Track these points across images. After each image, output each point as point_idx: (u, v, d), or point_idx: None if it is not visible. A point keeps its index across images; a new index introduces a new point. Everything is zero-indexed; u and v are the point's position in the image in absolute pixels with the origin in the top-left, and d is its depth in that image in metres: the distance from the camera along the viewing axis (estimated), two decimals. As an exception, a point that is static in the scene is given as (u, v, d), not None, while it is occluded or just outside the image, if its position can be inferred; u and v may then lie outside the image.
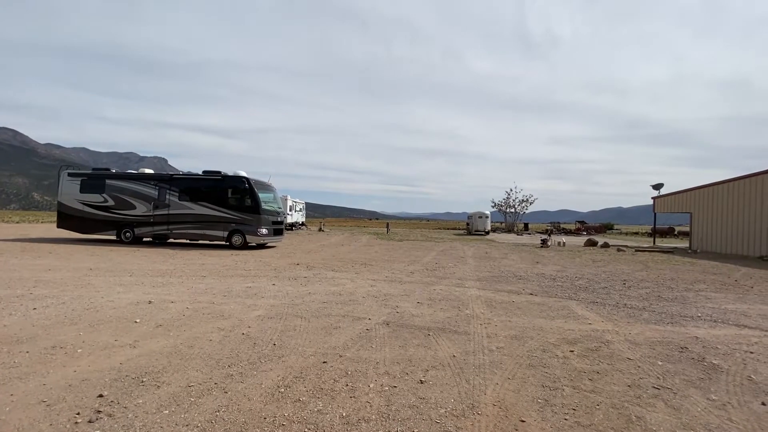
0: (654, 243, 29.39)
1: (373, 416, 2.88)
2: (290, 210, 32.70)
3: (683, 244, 29.53)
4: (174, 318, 5.34)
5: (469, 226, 41.48)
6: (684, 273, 12.16)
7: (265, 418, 2.80)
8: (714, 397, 3.37)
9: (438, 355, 4.23)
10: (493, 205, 51.36)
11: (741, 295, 8.55)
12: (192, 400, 3.04)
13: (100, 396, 3.06)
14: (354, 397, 3.18)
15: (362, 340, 4.66)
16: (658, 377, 3.79)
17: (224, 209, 15.64)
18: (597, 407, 3.13)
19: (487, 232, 39.29)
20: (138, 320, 5.15)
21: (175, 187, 16.11)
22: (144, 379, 3.37)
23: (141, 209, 16.10)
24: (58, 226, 17.17)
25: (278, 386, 3.33)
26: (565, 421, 2.91)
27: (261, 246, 16.67)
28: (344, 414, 2.90)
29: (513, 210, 50.43)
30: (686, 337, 5.18)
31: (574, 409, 3.08)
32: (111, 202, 16.27)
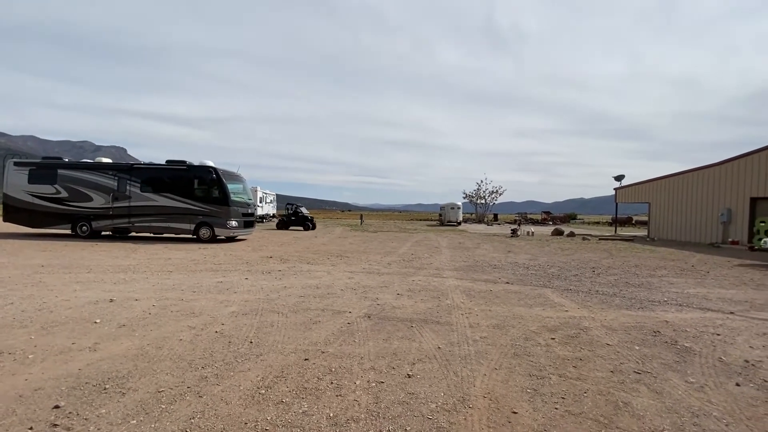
0: (615, 232, 30.86)
1: (362, 415, 2.74)
2: (260, 202, 31.80)
3: (642, 232, 31.18)
4: (139, 317, 4.95)
5: (441, 217, 41.96)
6: (646, 260, 12.77)
7: (246, 424, 2.60)
8: (692, 380, 3.47)
9: (423, 347, 4.14)
10: (464, 196, 52.21)
11: (699, 280, 9.05)
12: (163, 407, 2.78)
13: (56, 407, 2.74)
14: (340, 395, 3.03)
15: (344, 334, 4.50)
16: (637, 362, 3.87)
17: (190, 201, 14.87)
18: (585, 395, 3.13)
19: (459, 223, 39.89)
20: (98, 320, 4.74)
21: (136, 177, 15.14)
22: (107, 386, 3.06)
23: (99, 201, 15.03)
24: (5, 220, 15.79)
25: (258, 387, 3.12)
26: (555, 410, 2.89)
27: (230, 239, 16.04)
28: (331, 414, 2.74)
29: (483, 201, 51.49)
30: (657, 322, 5.37)
31: (563, 398, 3.07)
32: (64, 194, 15.09)
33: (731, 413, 2.88)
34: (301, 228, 25.01)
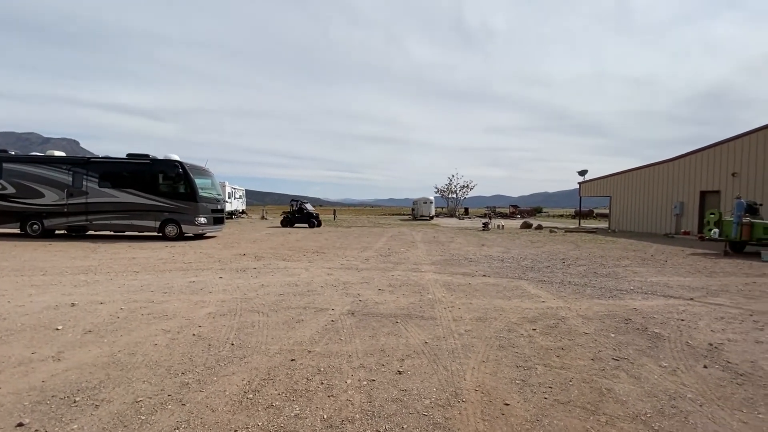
0: (579, 224, 32.29)
1: (357, 415, 2.69)
2: (229, 197, 30.77)
3: (603, 224, 32.82)
4: (106, 321, 4.64)
5: (414, 212, 42.33)
6: (609, 251, 13.42)
7: (236, 431, 2.48)
8: (665, 364, 3.66)
9: (410, 342, 4.13)
10: (436, 190, 52.90)
11: (659, 268, 9.61)
12: (143, 418, 2.60)
13: (20, 425, 2.50)
14: (332, 396, 2.96)
15: (329, 332, 4.41)
16: (614, 349, 4.04)
17: (155, 197, 14.12)
18: (570, 383, 3.23)
19: (432, 217, 40.40)
20: (60, 327, 4.39)
21: (93, 172, 14.17)
22: (77, 399, 2.84)
23: (51, 197, 13.97)
24: (-59, 219, 14.38)
25: (245, 392, 2.99)
26: (545, 400, 2.95)
27: (199, 236, 15.41)
28: (325, 416, 2.67)
29: (455, 195, 52.39)
30: (627, 310, 5.64)
31: (550, 387, 3.15)
32: (11, 190, 13.92)
33: (703, 394, 3.06)
34: (306, 225, 24.02)
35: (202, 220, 14.59)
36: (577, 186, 30.35)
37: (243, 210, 36.84)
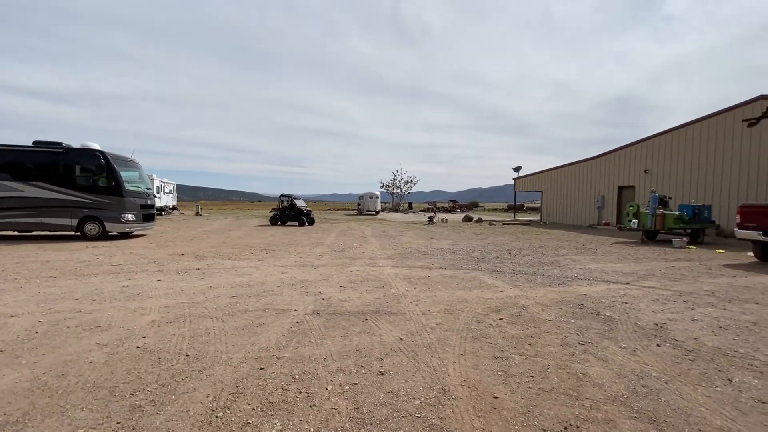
0: (514, 217, 34.47)
1: (347, 425, 2.47)
2: (158, 192, 28.12)
3: (534, 217, 35.36)
4: (21, 338, 3.87)
5: (360, 207, 42.17)
6: (546, 241, 14.41)
7: (210, 458, 2.14)
8: (624, 345, 3.91)
9: (385, 340, 3.97)
10: (381, 185, 53.25)
11: (593, 256, 10.48)
12: (88, 454, 2.15)
13: None
14: (315, 405, 2.70)
15: (296, 335, 4.10)
16: (577, 334, 4.25)
17: (71, 191, 12.33)
18: (548, 371, 3.30)
19: (378, 212, 40.56)
20: (-43, 349, 3.57)
21: (-12, 162, 12.02)
22: (-7, 438, 2.28)
23: (-70, 192, 11.60)
24: None
25: (213, 410, 2.62)
26: (530, 389, 2.97)
27: (125, 235, 13.82)
28: (312, 430, 2.42)
29: (399, 190, 53.13)
30: (577, 296, 6.01)
31: (531, 376, 3.19)
32: None
33: (664, 371, 3.29)
34: (296, 223, 21.52)
35: (130, 216, 13.07)
36: (509, 182, 32.34)
37: (174, 206, 33.94)
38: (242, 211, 46.08)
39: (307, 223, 21.55)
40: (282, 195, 23.29)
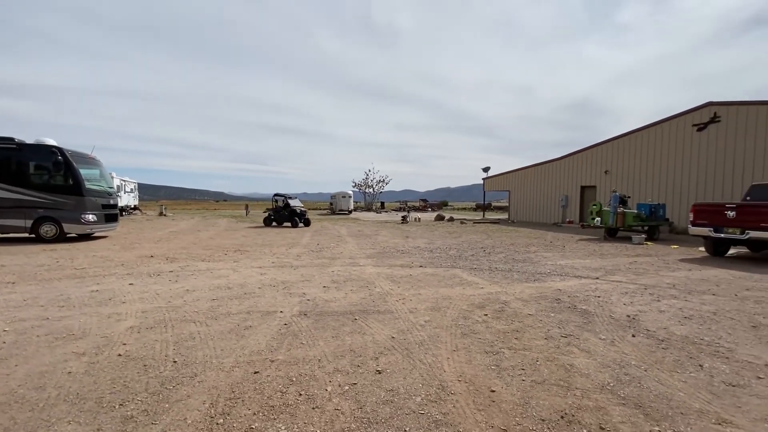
0: (484, 216, 35.41)
1: (353, 425, 2.48)
2: (118, 191, 26.63)
3: (502, 215, 36.47)
4: (-16, 350, 3.57)
5: (332, 206, 41.83)
6: (516, 239, 14.93)
7: (218, 466, 2.08)
8: (603, 337, 4.14)
9: (377, 339, 3.99)
10: (353, 185, 53.11)
11: (562, 253, 10.97)
12: (83, 469, 2.03)
13: None
14: (317, 407, 2.68)
15: (287, 337, 4.03)
16: (559, 327, 4.45)
17: (24, 190, 11.43)
18: (538, 363, 3.44)
19: (350, 211, 40.40)
20: None
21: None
22: (-30, 459, 2.10)
23: None
24: None
25: (212, 416, 2.54)
26: (523, 381, 3.09)
27: (85, 237, 13.00)
28: (318, 431, 2.40)
29: (372, 190, 53.16)
30: (553, 291, 6.29)
31: (523, 369, 3.32)
32: None
33: (642, 360, 3.53)
34: (290, 225, 19.96)
35: (91, 217, 12.30)
36: (477, 181, 33.27)
37: (135, 205, 32.27)
38: (208, 210, 44.49)
39: (302, 225, 20.12)
40: (275, 194, 21.79)
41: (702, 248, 11.39)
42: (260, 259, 9.33)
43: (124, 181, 29.53)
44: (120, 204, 26.20)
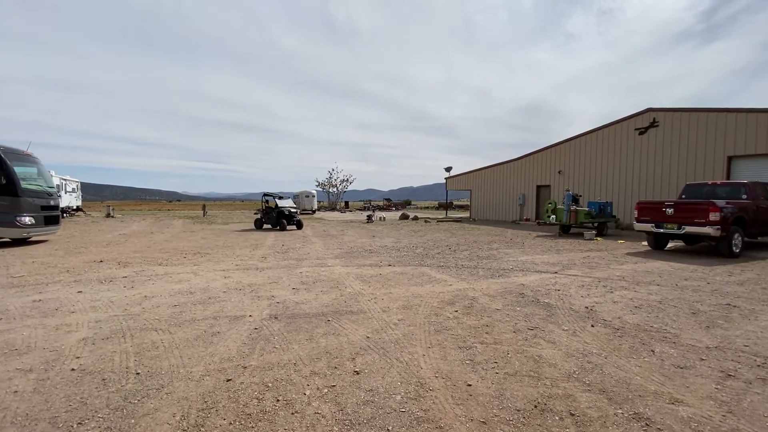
0: (446, 214, 36.24)
1: (335, 428, 2.45)
2: (58, 191, 24.50)
3: (464, 214, 37.51)
4: None
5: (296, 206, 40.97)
6: (479, 236, 15.42)
7: (196, 480, 1.98)
8: (565, 328, 4.38)
9: (352, 339, 3.97)
10: (317, 184, 52.36)
11: (522, 249, 11.47)
12: (42, 497, 1.85)
13: None
14: (297, 412, 2.63)
15: (258, 341, 3.91)
16: (525, 320, 4.65)
17: (-54, 190, 10.22)
18: (509, 356, 3.58)
19: (314, 211, 39.80)
20: None
21: None
22: None
23: None
24: None
25: (184, 429, 2.42)
26: (497, 374, 3.21)
27: (21, 242, 11.84)
28: (300, 436, 2.36)
29: (335, 189, 52.67)
30: (516, 285, 6.56)
31: (496, 362, 3.44)
32: None
33: (603, 348, 3.77)
34: (277, 227, 17.93)
35: (27, 220, 11.22)
36: (439, 180, 34.11)
37: (78, 206, 29.84)
38: (161, 211, 42.03)
39: (294, 228, 18.28)
40: (265, 194, 19.92)
41: (645, 242, 12.36)
42: (223, 261, 8.97)
43: (65, 180, 27.22)
44: (61, 205, 24.14)
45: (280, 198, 19.46)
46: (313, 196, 40.15)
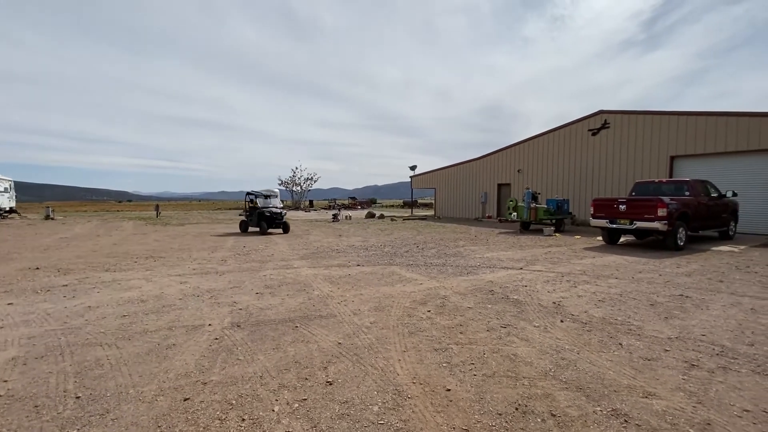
0: (412, 213, 36.49)
1: (309, 446, 2.25)
2: (-14, 191, 22.08)
3: (427, 212, 37.96)
4: None
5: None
6: (444, 234, 15.57)
7: None
8: (537, 324, 4.41)
9: (323, 347, 3.76)
10: (280, 182, 50.88)
11: (487, 246, 11.68)
12: None
13: None
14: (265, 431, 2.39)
15: (219, 353, 3.60)
16: (497, 318, 4.64)
17: None
18: (485, 356, 3.52)
19: (276, 210, 38.62)
20: None
21: None
22: None
23: None
24: None
25: (135, 461, 2.11)
26: (475, 377, 3.13)
27: (-60, 248, 10.47)
28: (270, 460, 2.13)
29: (299, 188, 51.48)
30: (485, 283, 6.60)
31: (472, 364, 3.37)
32: None
33: (574, 343, 3.81)
34: (257, 228, 16.25)
35: (-54, 224, 9.90)
36: (404, 179, 34.25)
37: (12, 208, 27.07)
38: (109, 212, 39.10)
39: (280, 231, 16.73)
40: (248, 193, 18.04)
41: (599, 237, 13.00)
42: (178, 266, 8.37)
43: (-5, 179, 24.58)
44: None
45: (267, 197, 17.71)
46: (276, 196, 38.98)
